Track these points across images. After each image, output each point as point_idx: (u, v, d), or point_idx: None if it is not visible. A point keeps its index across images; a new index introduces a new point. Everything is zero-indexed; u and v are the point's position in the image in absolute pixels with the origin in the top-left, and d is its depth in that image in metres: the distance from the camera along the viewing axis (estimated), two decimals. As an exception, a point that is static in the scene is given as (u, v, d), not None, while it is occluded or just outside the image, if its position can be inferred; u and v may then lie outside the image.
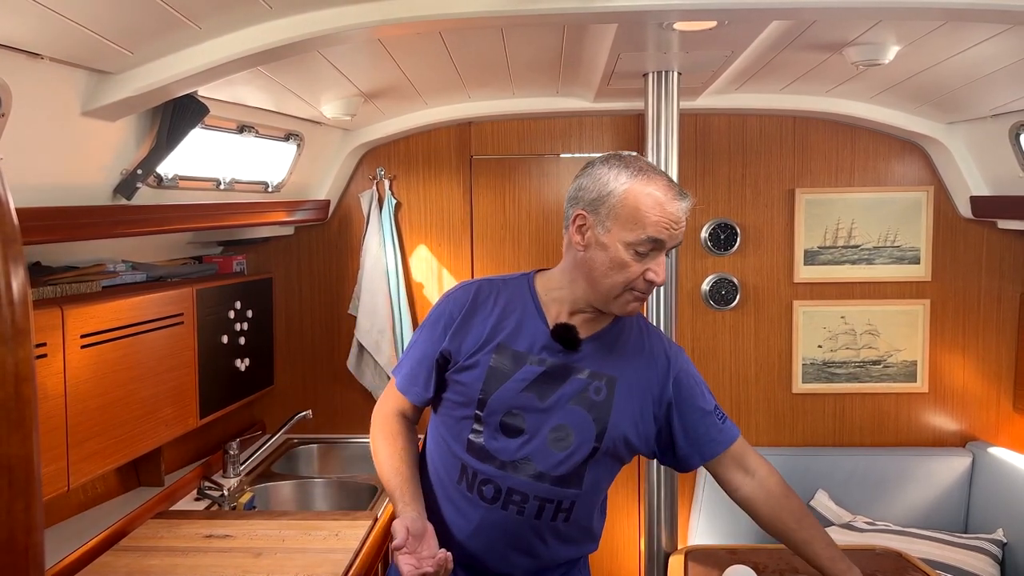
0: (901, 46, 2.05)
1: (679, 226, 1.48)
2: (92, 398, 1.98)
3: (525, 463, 1.54)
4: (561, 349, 1.55)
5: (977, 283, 3.18)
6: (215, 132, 2.36)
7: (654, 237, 1.46)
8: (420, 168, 3.28)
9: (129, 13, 1.47)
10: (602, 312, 1.57)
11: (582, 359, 1.56)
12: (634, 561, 3.31)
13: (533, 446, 1.53)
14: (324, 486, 2.94)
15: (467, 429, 1.57)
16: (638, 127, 3.19)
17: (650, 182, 1.48)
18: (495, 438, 1.55)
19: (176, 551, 2.17)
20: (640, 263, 1.48)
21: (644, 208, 1.46)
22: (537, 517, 1.56)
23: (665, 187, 1.48)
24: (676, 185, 1.51)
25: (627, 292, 1.50)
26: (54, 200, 1.76)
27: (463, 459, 1.57)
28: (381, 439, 1.66)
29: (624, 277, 1.48)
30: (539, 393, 1.54)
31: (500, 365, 1.55)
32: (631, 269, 1.48)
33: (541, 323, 1.58)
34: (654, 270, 1.48)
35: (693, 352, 3.26)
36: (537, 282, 1.63)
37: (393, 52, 2.16)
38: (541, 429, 1.53)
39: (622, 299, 1.51)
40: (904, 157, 3.17)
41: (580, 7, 1.66)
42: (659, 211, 1.45)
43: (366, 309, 3.18)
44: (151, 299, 2.26)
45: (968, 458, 3.12)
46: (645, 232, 1.45)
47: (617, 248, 1.47)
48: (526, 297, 1.61)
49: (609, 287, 1.50)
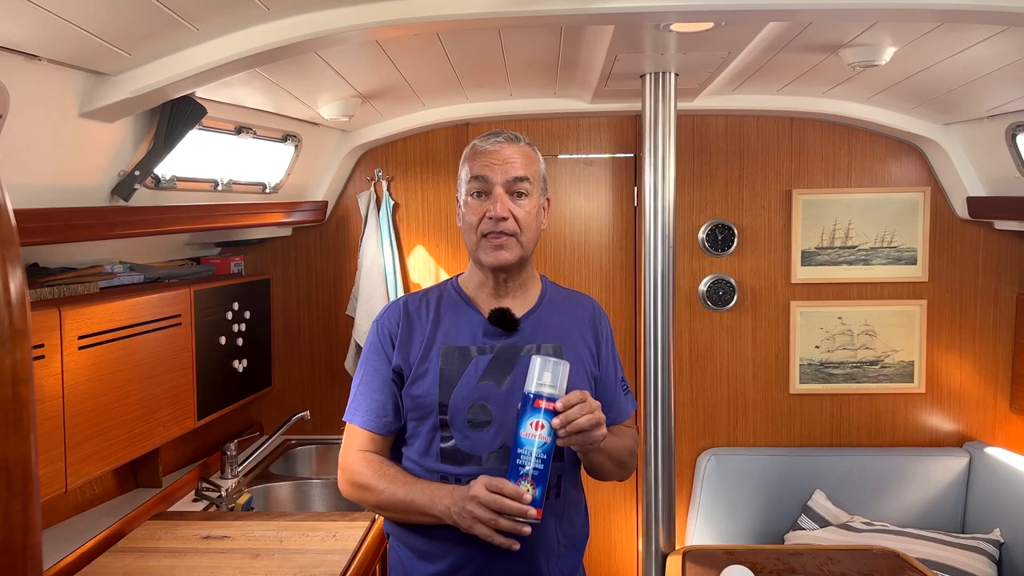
0: (897, 47, 2.06)
1: (502, 160, 1.57)
2: (90, 399, 1.98)
3: (504, 450, 1.54)
4: (503, 333, 1.60)
5: (974, 284, 3.19)
6: (213, 133, 2.36)
7: (476, 174, 1.58)
8: (418, 169, 3.28)
9: (127, 14, 1.47)
10: (522, 287, 1.65)
11: (525, 337, 1.61)
12: (632, 562, 3.31)
13: (506, 432, 1.55)
14: (322, 487, 2.94)
15: (436, 439, 1.57)
16: (636, 128, 3.20)
17: (477, 140, 1.63)
18: (467, 436, 1.55)
19: (174, 552, 2.17)
20: (480, 205, 1.58)
21: (470, 159, 1.62)
22: None
23: (487, 136, 1.62)
24: (503, 132, 1.63)
25: (482, 239, 1.58)
26: (52, 201, 1.77)
27: (440, 470, 1.56)
28: (367, 476, 1.58)
29: (470, 222, 1.59)
30: (496, 379, 1.57)
31: (449, 365, 1.58)
32: (473, 213, 1.58)
33: (476, 314, 1.63)
34: (491, 207, 1.56)
35: (690, 353, 3.26)
36: (460, 281, 1.71)
37: (390, 53, 2.16)
38: (508, 413, 1.55)
39: (482, 247, 1.59)
40: (901, 158, 3.18)
41: (577, 8, 1.66)
42: (478, 153, 1.60)
43: (364, 310, 3.18)
44: (149, 300, 2.26)
45: (965, 458, 3.13)
46: (470, 174, 1.60)
47: (464, 204, 1.62)
48: (453, 296, 1.67)
49: (470, 240, 1.61)
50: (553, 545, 1.61)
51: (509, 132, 1.63)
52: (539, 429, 1.38)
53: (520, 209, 1.57)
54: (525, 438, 1.39)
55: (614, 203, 3.26)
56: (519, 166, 1.58)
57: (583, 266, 3.29)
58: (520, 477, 1.39)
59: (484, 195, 1.58)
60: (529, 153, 1.62)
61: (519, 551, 1.55)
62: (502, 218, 1.55)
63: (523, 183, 1.58)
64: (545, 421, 1.39)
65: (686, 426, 3.25)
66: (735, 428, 3.29)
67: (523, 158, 1.59)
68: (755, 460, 3.19)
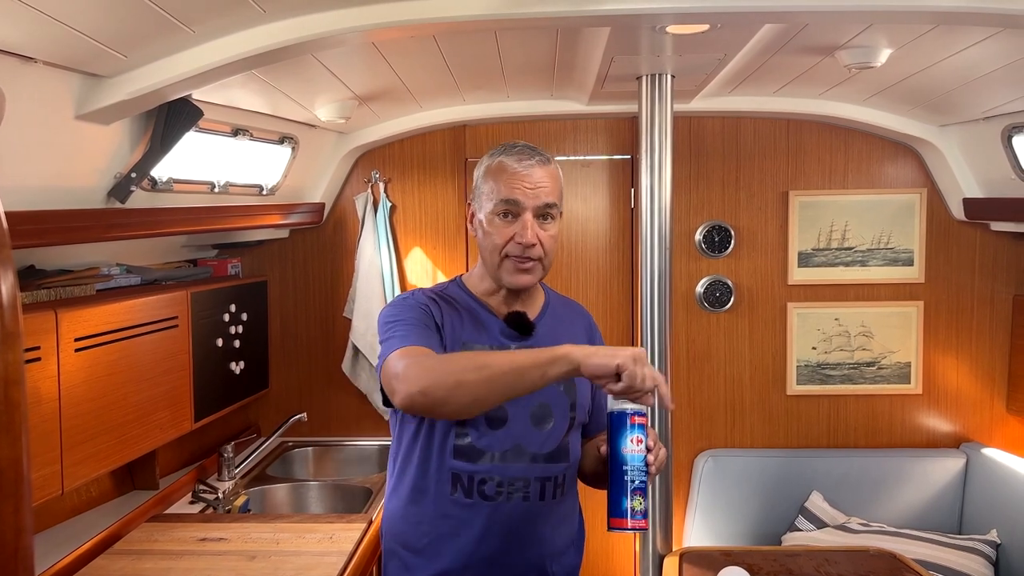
0: (893, 49, 2.06)
1: (533, 183, 1.55)
2: (86, 401, 1.97)
3: (517, 448, 1.57)
4: (518, 336, 1.62)
5: (970, 285, 3.20)
6: (209, 135, 2.36)
7: (506, 197, 1.55)
8: (415, 171, 3.28)
9: (123, 17, 1.47)
10: (530, 294, 1.66)
11: (538, 340, 1.62)
12: (629, 563, 3.31)
13: (520, 431, 1.57)
14: (319, 489, 2.94)
15: (451, 435, 1.57)
16: (632, 130, 3.20)
17: (503, 153, 1.59)
18: (483, 434, 1.56)
19: (170, 554, 2.16)
20: (507, 227, 1.55)
21: (496, 175, 1.57)
22: (541, 499, 1.59)
23: (516, 153, 1.58)
24: (531, 149, 1.60)
25: (506, 260, 1.57)
26: (48, 203, 1.76)
27: (453, 467, 1.57)
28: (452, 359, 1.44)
29: (495, 243, 1.56)
30: None
31: None
32: (499, 234, 1.56)
33: (491, 315, 1.64)
34: (520, 232, 1.54)
35: (688, 354, 3.27)
36: (466, 283, 1.70)
37: (387, 55, 2.16)
38: (522, 413, 1.57)
39: (504, 268, 1.57)
40: (897, 159, 3.18)
41: (573, 10, 1.67)
42: (508, 174, 1.56)
43: (361, 312, 3.18)
44: (145, 302, 2.26)
45: (962, 459, 3.13)
46: (499, 195, 1.56)
47: (487, 220, 1.58)
48: (465, 297, 1.67)
49: (491, 259, 1.59)
50: (558, 545, 1.64)
51: (537, 151, 1.60)
52: (639, 444, 1.40)
53: (546, 233, 1.57)
54: (628, 455, 1.40)
55: (611, 205, 3.26)
56: (549, 191, 1.57)
57: (580, 268, 3.29)
58: (631, 492, 1.40)
59: (512, 216, 1.56)
60: (556, 175, 1.61)
61: (524, 551, 1.58)
62: (531, 244, 1.55)
63: (552, 209, 1.58)
64: (642, 435, 1.40)
65: (683, 428, 3.25)
66: (732, 429, 3.29)
67: (552, 182, 1.58)
68: (752, 461, 3.19)
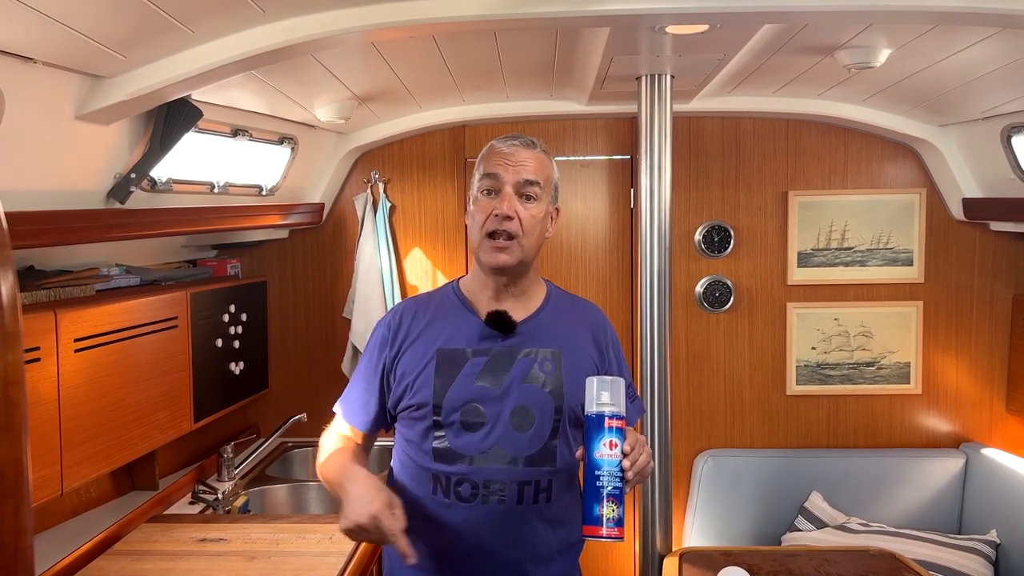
0: (892, 49, 2.06)
1: (515, 161, 1.58)
2: (86, 402, 1.97)
3: (494, 451, 1.56)
4: (500, 336, 1.61)
5: (970, 285, 3.20)
6: (209, 136, 2.36)
7: (488, 172, 1.59)
8: (414, 171, 3.28)
9: (122, 17, 1.47)
10: (523, 292, 1.66)
11: (523, 341, 1.62)
12: (628, 563, 3.31)
13: (497, 433, 1.56)
14: (318, 489, 2.94)
15: (430, 438, 1.58)
16: (632, 130, 3.20)
17: (495, 140, 1.64)
18: (458, 436, 1.57)
19: (170, 555, 2.16)
20: (489, 203, 1.58)
21: (484, 158, 1.63)
22: (519, 503, 1.56)
23: (506, 138, 1.64)
24: (523, 136, 1.65)
25: (485, 239, 1.58)
26: (48, 204, 1.76)
27: (432, 469, 1.58)
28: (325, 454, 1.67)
29: (478, 221, 1.59)
30: (491, 381, 1.58)
31: (444, 367, 1.59)
32: (481, 211, 1.59)
33: (473, 316, 1.64)
34: (498, 205, 1.56)
35: (687, 354, 3.27)
36: (461, 284, 1.72)
37: (387, 56, 2.16)
38: (502, 415, 1.56)
39: (483, 246, 1.59)
40: (897, 159, 3.19)
41: (572, 11, 1.67)
42: (493, 153, 1.62)
43: (360, 312, 3.17)
44: (145, 303, 2.26)
45: (961, 459, 3.13)
46: (482, 172, 1.61)
47: (473, 201, 1.62)
48: (452, 299, 1.68)
49: (474, 238, 1.61)
50: (542, 551, 1.61)
51: (527, 137, 1.65)
52: (613, 448, 1.37)
53: (526, 212, 1.58)
54: (600, 459, 1.37)
55: (611, 205, 3.26)
56: (531, 169, 1.59)
57: (580, 268, 3.29)
58: (602, 499, 1.37)
59: (494, 193, 1.59)
60: (543, 159, 1.63)
61: (501, 554, 1.58)
62: (507, 217, 1.55)
63: (533, 187, 1.59)
64: (618, 440, 1.38)
65: (683, 428, 3.25)
66: (732, 429, 3.29)
67: (536, 163, 1.61)
68: (752, 461, 3.20)
